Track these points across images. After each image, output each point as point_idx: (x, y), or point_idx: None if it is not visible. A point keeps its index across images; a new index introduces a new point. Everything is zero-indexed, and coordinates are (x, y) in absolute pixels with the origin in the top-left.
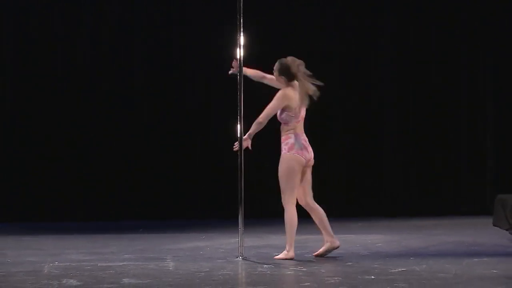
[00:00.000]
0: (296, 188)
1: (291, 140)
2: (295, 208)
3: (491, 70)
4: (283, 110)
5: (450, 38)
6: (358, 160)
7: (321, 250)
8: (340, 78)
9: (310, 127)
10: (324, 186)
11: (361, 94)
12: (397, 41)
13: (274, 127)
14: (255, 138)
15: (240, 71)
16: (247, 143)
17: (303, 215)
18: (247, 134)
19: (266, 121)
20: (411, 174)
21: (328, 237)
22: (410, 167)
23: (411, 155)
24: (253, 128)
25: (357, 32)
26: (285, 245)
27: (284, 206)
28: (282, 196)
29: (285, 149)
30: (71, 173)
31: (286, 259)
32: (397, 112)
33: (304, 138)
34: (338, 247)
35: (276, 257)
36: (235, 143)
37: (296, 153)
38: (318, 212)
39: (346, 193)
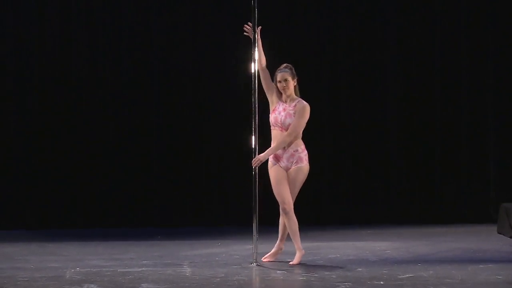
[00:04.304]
0: None
1: (306, 152)
2: None
3: (493, 74)
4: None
5: (453, 39)
6: (366, 170)
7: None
8: (344, 82)
9: (317, 133)
10: (333, 195)
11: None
12: (400, 42)
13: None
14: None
15: (254, 81)
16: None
17: (307, 222)
18: (265, 154)
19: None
20: (417, 184)
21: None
22: (416, 177)
23: (416, 165)
24: (275, 148)
25: (360, 33)
26: (295, 249)
27: (290, 212)
28: (290, 203)
29: (305, 160)
30: (93, 182)
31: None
32: (401, 123)
33: None
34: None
35: (293, 262)
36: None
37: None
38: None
39: (354, 202)
